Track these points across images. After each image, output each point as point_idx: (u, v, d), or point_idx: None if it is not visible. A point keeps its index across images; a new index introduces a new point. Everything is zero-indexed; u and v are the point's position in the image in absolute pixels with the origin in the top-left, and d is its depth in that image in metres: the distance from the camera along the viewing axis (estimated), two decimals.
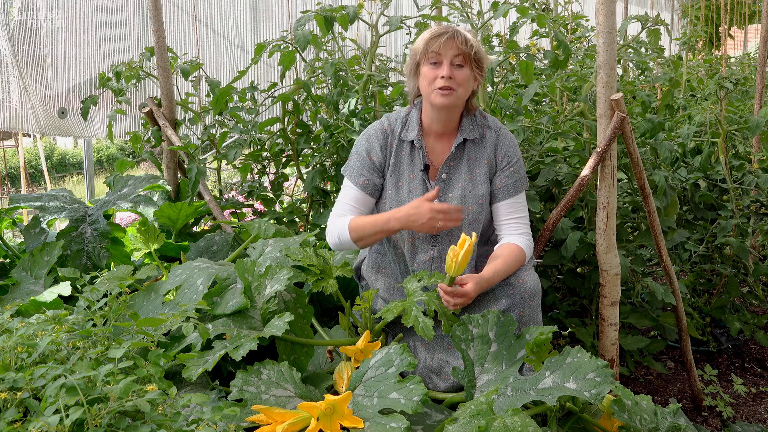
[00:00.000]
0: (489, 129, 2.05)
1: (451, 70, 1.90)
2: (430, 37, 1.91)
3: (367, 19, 2.75)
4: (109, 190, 2.91)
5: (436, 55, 1.91)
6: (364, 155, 2.04)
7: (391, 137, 2.04)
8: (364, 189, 2.03)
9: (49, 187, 6.72)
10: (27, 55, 3.18)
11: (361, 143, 2.07)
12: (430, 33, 1.94)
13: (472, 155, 2.03)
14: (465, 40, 1.90)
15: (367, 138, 2.06)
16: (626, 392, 1.69)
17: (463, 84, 1.93)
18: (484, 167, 2.03)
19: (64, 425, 1.10)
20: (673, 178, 2.60)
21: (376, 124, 2.09)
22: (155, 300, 2.04)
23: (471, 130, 2.02)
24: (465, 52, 1.90)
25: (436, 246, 2.01)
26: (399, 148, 2.04)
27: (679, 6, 6.76)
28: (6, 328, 1.51)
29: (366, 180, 2.03)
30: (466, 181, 2.01)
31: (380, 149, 2.03)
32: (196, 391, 1.78)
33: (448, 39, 1.89)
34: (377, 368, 1.67)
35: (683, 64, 3.45)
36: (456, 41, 1.89)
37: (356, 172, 2.04)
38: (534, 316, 1.91)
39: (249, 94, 3.02)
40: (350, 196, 2.05)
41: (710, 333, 2.96)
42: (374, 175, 2.04)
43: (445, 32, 1.91)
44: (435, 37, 1.90)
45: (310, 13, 2.55)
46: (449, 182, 2.02)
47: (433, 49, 1.90)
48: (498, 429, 1.38)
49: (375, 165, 2.04)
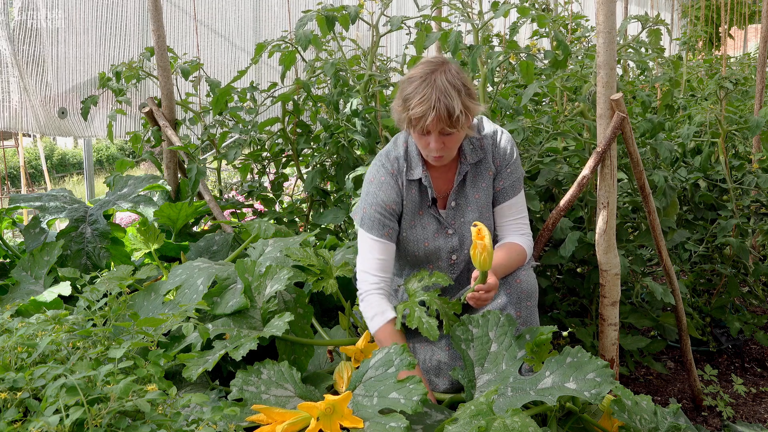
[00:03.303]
0: (486, 139, 2.00)
1: (440, 140, 1.82)
2: (414, 116, 1.78)
3: (367, 18, 2.75)
4: (109, 190, 2.91)
5: (422, 130, 1.81)
6: (382, 206, 1.95)
7: (399, 179, 1.97)
8: (389, 239, 1.97)
9: (49, 187, 6.72)
10: (27, 55, 3.18)
11: (374, 193, 1.97)
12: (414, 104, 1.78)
13: (476, 173, 2.00)
14: (448, 116, 1.76)
15: (379, 186, 1.96)
16: (626, 392, 1.69)
17: (454, 146, 1.86)
18: (489, 179, 2.00)
19: (64, 425, 1.10)
20: (673, 178, 2.60)
21: (380, 169, 1.98)
22: (155, 300, 2.04)
23: (472, 150, 1.97)
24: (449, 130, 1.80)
25: (454, 273, 2.04)
26: (408, 187, 1.97)
27: (679, 6, 6.75)
28: (6, 328, 1.51)
29: (390, 230, 1.97)
30: (474, 202, 1.99)
31: (396, 195, 1.96)
32: (196, 391, 1.78)
33: (433, 120, 1.77)
34: (377, 368, 1.67)
35: (683, 64, 3.45)
36: (441, 121, 1.77)
37: (378, 224, 1.96)
38: (530, 316, 1.91)
39: (249, 94, 3.02)
40: (376, 249, 1.96)
41: (710, 333, 2.96)
42: (395, 222, 1.98)
43: (428, 107, 1.76)
44: (419, 117, 1.78)
45: (311, 13, 2.55)
46: (458, 208, 2.00)
47: (419, 126, 1.80)
48: (498, 429, 1.38)
49: (395, 212, 1.97)
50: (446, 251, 2.00)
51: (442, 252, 2.00)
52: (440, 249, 2.00)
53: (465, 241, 2.00)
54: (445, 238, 2.00)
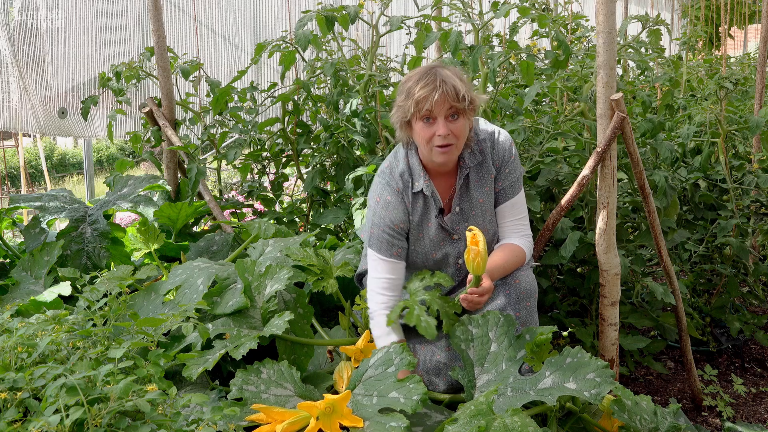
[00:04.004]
0: (484, 141, 1.98)
1: (447, 126, 1.82)
2: (420, 97, 1.80)
3: (367, 18, 2.75)
4: (109, 190, 2.92)
5: (429, 112, 1.81)
6: (390, 226, 1.94)
7: (404, 195, 1.95)
8: (399, 258, 1.97)
9: (49, 187, 6.72)
10: (27, 55, 3.18)
11: (381, 214, 1.95)
12: (418, 88, 1.80)
13: (478, 177, 1.99)
14: (456, 92, 1.79)
15: (385, 207, 1.95)
16: (626, 392, 1.69)
17: (461, 135, 1.86)
18: (491, 182, 2.00)
19: (64, 425, 1.10)
20: (673, 178, 2.60)
21: (385, 187, 1.96)
22: (155, 300, 2.04)
23: (471, 155, 1.97)
24: (458, 106, 1.82)
25: (460, 276, 2.03)
26: (414, 201, 1.96)
27: (679, 6, 6.75)
28: (6, 328, 1.51)
29: (399, 249, 1.96)
30: (479, 206, 1.99)
31: (403, 214, 1.95)
32: (196, 391, 1.78)
33: (440, 97, 1.78)
34: (377, 368, 1.67)
35: (683, 64, 3.45)
36: (447, 98, 1.79)
37: (387, 244, 1.95)
38: (530, 317, 1.91)
39: (249, 94, 3.02)
40: (385, 269, 1.96)
41: (710, 333, 2.96)
42: (403, 240, 1.98)
43: (433, 87, 1.78)
44: (425, 96, 1.79)
45: (311, 13, 2.56)
46: (462, 213, 1.99)
47: (426, 108, 1.80)
48: (498, 429, 1.38)
49: (403, 231, 1.97)
50: (453, 257, 2.00)
51: (450, 258, 2.00)
52: (448, 256, 2.00)
53: None
54: (451, 244, 1.99)
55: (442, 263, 2.01)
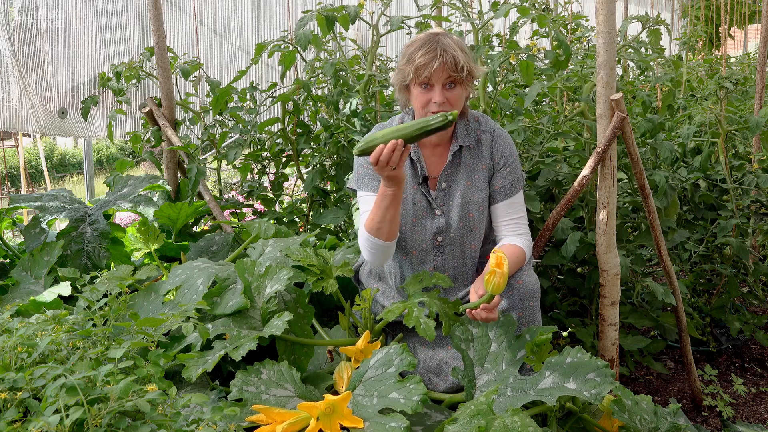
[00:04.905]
0: (484, 133, 2.03)
1: (444, 94, 1.85)
2: (420, 64, 1.83)
3: (367, 18, 2.75)
4: (109, 190, 2.91)
5: (427, 79, 1.85)
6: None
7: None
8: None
9: (49, 187, 6.72)
10: (27, 55, 3.18)
11: (364, 158, 2.00)
12: (419, 55, 1.84)
13: (470, 161, 2.01)
14: (455, 63, 1.82)
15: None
16: (626, 392, 1.69)
17: (456, 103, 1.88)
18: (483, 172, 2.02)
19: (64, 425, 1.10)
20: (673, 178, 2.60)
21: (375, 131, 2.02)
22: (155, 300, 2.04)
23: (465, 135, 2.00)
24: (456, 76, 1.84)
25: (439, 256, 2.03)
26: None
27: (679, 6, 6.76)
28: (6, 328, 1.51)
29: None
30: (466, 188, 2.00)
31: None
32: (196, 391, 1.78)
33: (439, 65, 1.81)
34: (377, 368, 1.67)
35: (683, 64, 3.45)
36: (446, 67, 1.82)
37: (372, 179, 2.00)
38: (533, 316, 1.91)
39: (249, 94, 3.02)
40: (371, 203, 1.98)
41: (710, 333, 2.96)
42: None
43: (434, 56, 1.82)
44: (425, 64, 1.82)
45: (311, 13, 2.55)
46: (449, 191, 2.01)
47: (425, 75, 1.84)
48: (498, 429, 1.38)
49: None
50: (431, 231, 2.01)
51: (428, 231, 2.01)
52: (426, 228, 2.01)
53: (452, 225, 2.01)
54: (432, 218, 2.01)
55: (420, 236, 2.02)
